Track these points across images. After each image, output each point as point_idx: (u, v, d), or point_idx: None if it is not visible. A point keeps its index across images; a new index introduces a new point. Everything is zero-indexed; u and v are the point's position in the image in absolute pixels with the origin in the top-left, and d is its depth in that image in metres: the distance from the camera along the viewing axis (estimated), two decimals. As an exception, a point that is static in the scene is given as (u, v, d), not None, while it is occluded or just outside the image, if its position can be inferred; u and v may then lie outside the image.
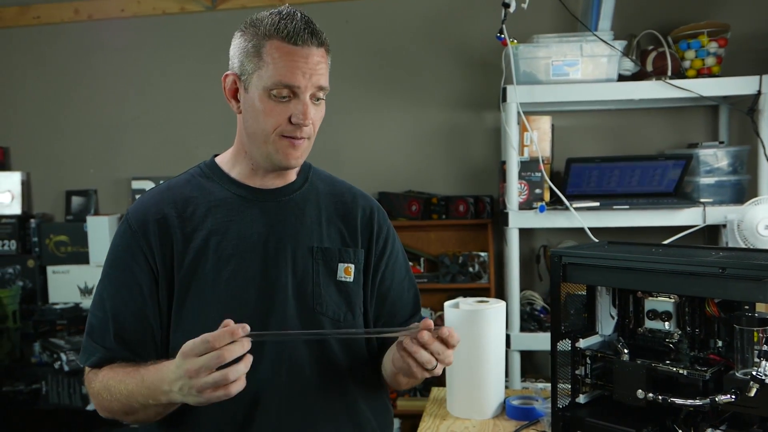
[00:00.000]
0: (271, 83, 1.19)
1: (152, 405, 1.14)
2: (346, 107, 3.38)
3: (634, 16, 2.98)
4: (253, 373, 1.06)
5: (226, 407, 1.16)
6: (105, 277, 1.28)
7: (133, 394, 1.15)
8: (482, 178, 3.27)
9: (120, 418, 1.23)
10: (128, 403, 1.16)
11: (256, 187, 1.31)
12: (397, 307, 1.40)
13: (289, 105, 1.21)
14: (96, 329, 1.25)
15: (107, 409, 1.22)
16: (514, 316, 2.67)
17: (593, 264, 1.30)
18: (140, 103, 3.60)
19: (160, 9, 3.56)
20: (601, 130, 3.14)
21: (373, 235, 1.37)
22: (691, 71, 2.72)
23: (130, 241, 1.26)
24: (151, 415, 1.18)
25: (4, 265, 3.52)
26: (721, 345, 1.26)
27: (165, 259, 1.25)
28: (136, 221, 1.27)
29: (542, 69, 2.63)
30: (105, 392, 1.20)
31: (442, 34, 3.30)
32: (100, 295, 1.27)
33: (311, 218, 1.32)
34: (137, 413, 1.18)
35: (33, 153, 3.74)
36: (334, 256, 1.31)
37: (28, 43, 3.71)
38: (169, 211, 1.27)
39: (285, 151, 1.24)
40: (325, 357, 1.29)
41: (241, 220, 1.28)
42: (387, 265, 1.39)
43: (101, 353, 1.23)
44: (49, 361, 3.24)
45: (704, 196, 2.65)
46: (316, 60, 1.22)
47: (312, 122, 1.24)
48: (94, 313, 1.27)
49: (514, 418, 1.65)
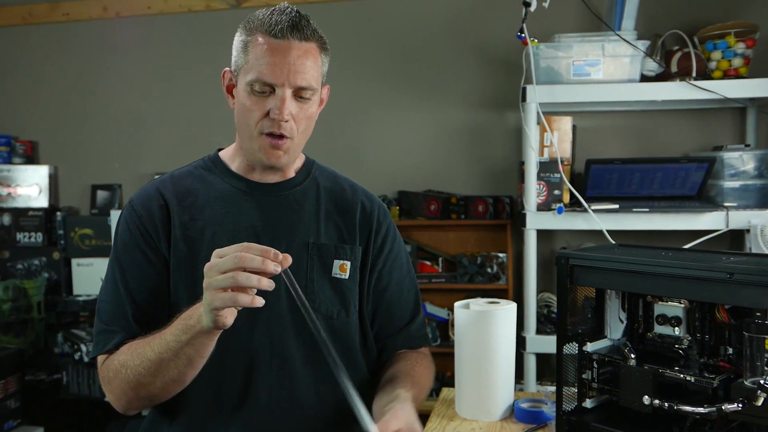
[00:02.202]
0: (250, 78, 1.20)
1: (184, 347, 1.10)
2: (366, 105, 3.38)
3: (659, 16, 2.93)
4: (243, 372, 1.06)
5: (217, 396, 1.18)
6: (115, 263, 1.27)
7: (164, 341, 1.12)
8: (502, 179, 3.24)
9: (143, 394, 1.19)
10: (159, 356, 1.13)
11: (255, 181, 1.32)
12: (394, 307, 1.39)
13: (268, 100, 1.21)
14: (111, 315, 1.24)
15: (132, 385, 1.18)
16: (530, 318, 2.64)
17: (600, 267, 1.28)
18: (165, 100, 3.64)
19: (186, 6, 3.60)
20: (625, 132, 3.09)
21: (371, 232, 1.37)
22: (717, 72, 2.66)
23: (138, 224, 1.27)
24: (180, 366, 1.13)
25: (30, 257, 3.59)
26: (731, 352, 1.23)
27: (166, 242, 1.26)
28: (141, 206, 1.28)
29: (563, 69, 2.60)
30: (132, 360, 1.17)
31: (465, 32, 3.28)
32: (113, 282, 1.26)
33: (309, 214, 1.32)
34: (166, 369, 1.14)
35: (61, 147, 3.81)
36: (330, 253, 1.31)
37: (58, 40, 3.78)
38: (170, 198, 1.29)
39: (266, 150, 1.24)
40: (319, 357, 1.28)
41: (237, 213, 1.28)
42: (385, 263, 1.38)
43: (121, 336, 1.22)
44: (70, 352, 3.30)
45: (728, 200, 2.59)
46: (297, 55, 1.20)
47: (294, 119, 1.23)
48: (107, 300, 1.26)
49: (522, 421, 1.63)
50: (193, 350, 1.11)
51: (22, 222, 3.60)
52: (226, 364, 1.22)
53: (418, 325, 1.44)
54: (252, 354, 1.24)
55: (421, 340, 1.44)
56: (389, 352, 1.40)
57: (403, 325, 1.41)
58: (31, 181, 3.71)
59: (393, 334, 1.40)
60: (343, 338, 1.31)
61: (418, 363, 1.38)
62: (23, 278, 3.51)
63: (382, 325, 1.38)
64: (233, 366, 1.24)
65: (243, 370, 1.24)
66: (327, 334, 1.28)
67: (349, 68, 3.39)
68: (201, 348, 1.11)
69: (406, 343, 1.41)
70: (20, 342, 3.32)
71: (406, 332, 1.40)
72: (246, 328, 1.23)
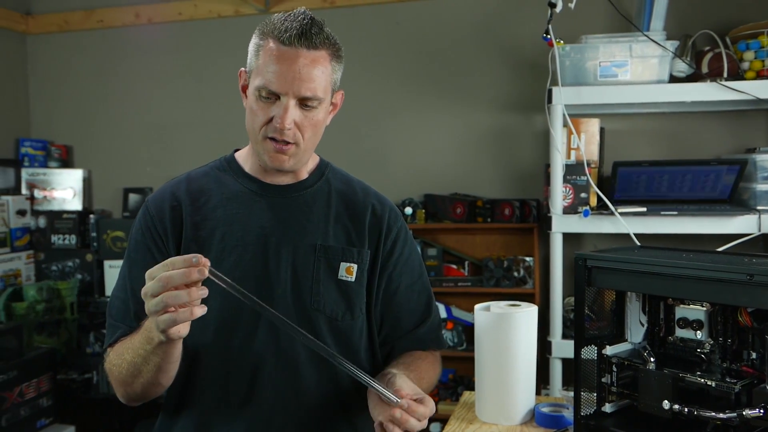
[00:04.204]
0: (257, 83, 1.22)
1: (149, 355, 1.13)
2: (393, 109, 3.38)
3: (689, 17, 2.88)
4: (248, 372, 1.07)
5: (224, 389, 1.21)
6: (126, 259, 1.32)
7: (134, 347, 1.16)
8: (529, 182, 3.21)
9: (131, 392, 1.23)
10: (133, 360, 1.17)
11: (267, 183, 1.34)
12: (403, 310, 1.39)
13: (273, 107, 1.22)
14: (118, 310, 1.28)
15: (120, 382, 1.23)
16: (556, 323, 2.61)
17: (618, 268, 1.26)
18: (195, 104, 3.70)
19: (216, 12, 3.66)
20: (655, 135, 3.04)
21: (381, 235, 1.36)
22: (750, 73, 2.60)
23: (149, 225, 1.30)
24: (152, 371, 1.16)
25: (64, 259, 3.67)
26: (755, 357, 1.20)
27: (175, 243, 1.29)
28: (154, 207, 1.32)
29: (590, 70, 2.57)
30: (117, 360, 1.22)
31: (492, 35, 3.26)
32: (123, 277, 1.31)
33: (318, 216, 1.33)
34: (140, 373, 1.17)
35: (94, 151, 3.89)
36: (337, 255, 1.31)
37: (92, 46, 3.87)
38: (184, 198, 1.31)
39: (270, 154, 1.26)
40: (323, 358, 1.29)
41: (248, 213, 1.30)
42: (395, 267, 1.38)
43: (122, 331, 1.26)
44: (100, 352, 3.36)
45: (761, 204, 2.53)
46: (303, 63, 1.20)
47: (298, 127, 1.23)
48: (117, 294, 1.30)
49: (542, 426, 1.61)
50: (159, 358, 1.14)
51: (57, 224, 3.68)
52: (232, 363, 1.24)
53: (429, 328, 1.43)
54: (258, 353, 1.26)
55: (432, 343, 1.43)
56: (396, 355, 1.40)
57: (412, 328, 1.40)
58: (65, 184, 3.81)
59: (401, 336, 1.40)
60: (347, 340, 1.32)
61: (420, 358, 1.38)
62: (57, 279, 3.59)
63: (392, 327, 1.38)
64: (239, 364, 1.25)
65: (249, 368, 1.26)
66: (333, 334, 1.29)
67: (376, 71, 3.40)
68: (166, 356, 1.13)
69: (415, 345, 1.40)
70: (53, 342, 3.39)
71: (414, 335, 1.40)
72: (250, 328, 1.24)
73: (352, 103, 3.20)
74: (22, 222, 3.65)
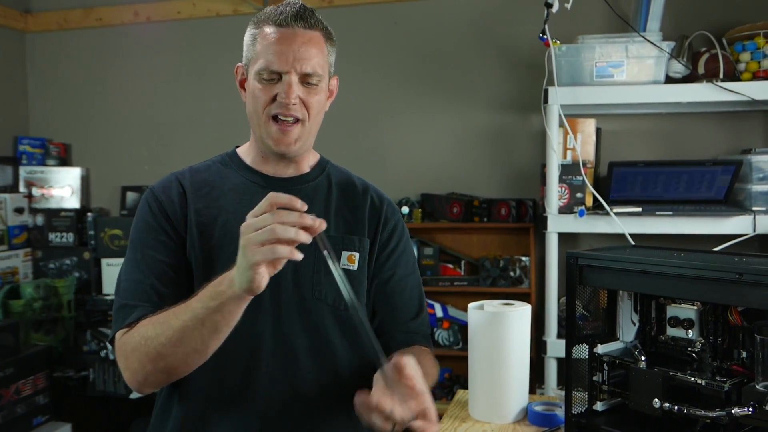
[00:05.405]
0: (258, 67, 1.26)
1: (211, 314, 1.10)
2: (390, 108, 3.39)
3: (686, 18, 2.89)
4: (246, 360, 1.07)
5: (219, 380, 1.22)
6: (136, 244, 1.29)
7: (190, 309, 1.12)
8: (526, 182, 3.22)
9: (162, 366, 1.18)
10: (183, 325, 1.12)
11: (269, 175, 1.36)
12: (395, 301, 1.40)
13: (276, 86, 1.26)
14: (134, 291, 1.25)
15: (153, 357, 1.17)
16: (551, 322, 2.62)
17: (609, 267, 1.27)
18: (193, 103, 3.70)
19: (214, 11, 3.66)
20: (651, 135, 3.04)
21: (379, 225, 1.39)
22: (746, 74, 2.61)
23: (159, 206, 1.31)
24: (205, 335, 1.12)
25: (61, 257, 3.67)
26: (745, 355, 1.20)
27: (183, 225, 1.30)
28: (161, 191, 1.33)
29: (586, 70, 2.57)
30: (152, 332, 1.17)
31: (489, 35, 3.27)
32: (134, 261, 1.28)
33: (319, 207, 1.35)
34: (190, 338, 1.13)
35: (93, 150, 3.90)
36: (338, 244, 1.33)
37: (91, 44, 3.87)
38: (188, 187, 1.33)
39: (275, 136, 1.28)
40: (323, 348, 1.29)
41: (250, 204, 1.29)
42: (389, 257, 1.39)
43: (141, 309, 1.22)
44: (97, 350, 3.37)
45: (756, 204, 2.54)
46: (301, 41, 1.25)
47: (304, 103, 1.27)
48: (129, 278, 1.27)
49: (535, 424, 1.62)
50: (221, 317, 1.10)
51: (55, 222, 3.68)
52: (229, 351, 1.22)
53: (421, 322, 1.44)
54: (255, 341, 1.26)
55: (424, 338, 1.43)
56: (389, 347, 1.40)
57: (406, 320, 1.41)
58: (63, 182, 3.81)
59: (395, 327, 1.40)
60: (351, 329, 1.32)
61: (419, 353, 1.38)
62: (55, 277, 3.59)
63: (383, 318, 1.39)
64: (236, 353, 1.24)
65: (246, 357, 1.26)
66: (335, 325, 1.30)
67: (373, 71, 3.41)
68: (229, 316, 1.11)
69: (407, 338, 1.41)
70: (50, 339, 3.40)
71: (406, 328, 1.41)
72: (250, 315, 1.23)
73: (349, 102, 3.22)
74: (20, 220, 3.65)
